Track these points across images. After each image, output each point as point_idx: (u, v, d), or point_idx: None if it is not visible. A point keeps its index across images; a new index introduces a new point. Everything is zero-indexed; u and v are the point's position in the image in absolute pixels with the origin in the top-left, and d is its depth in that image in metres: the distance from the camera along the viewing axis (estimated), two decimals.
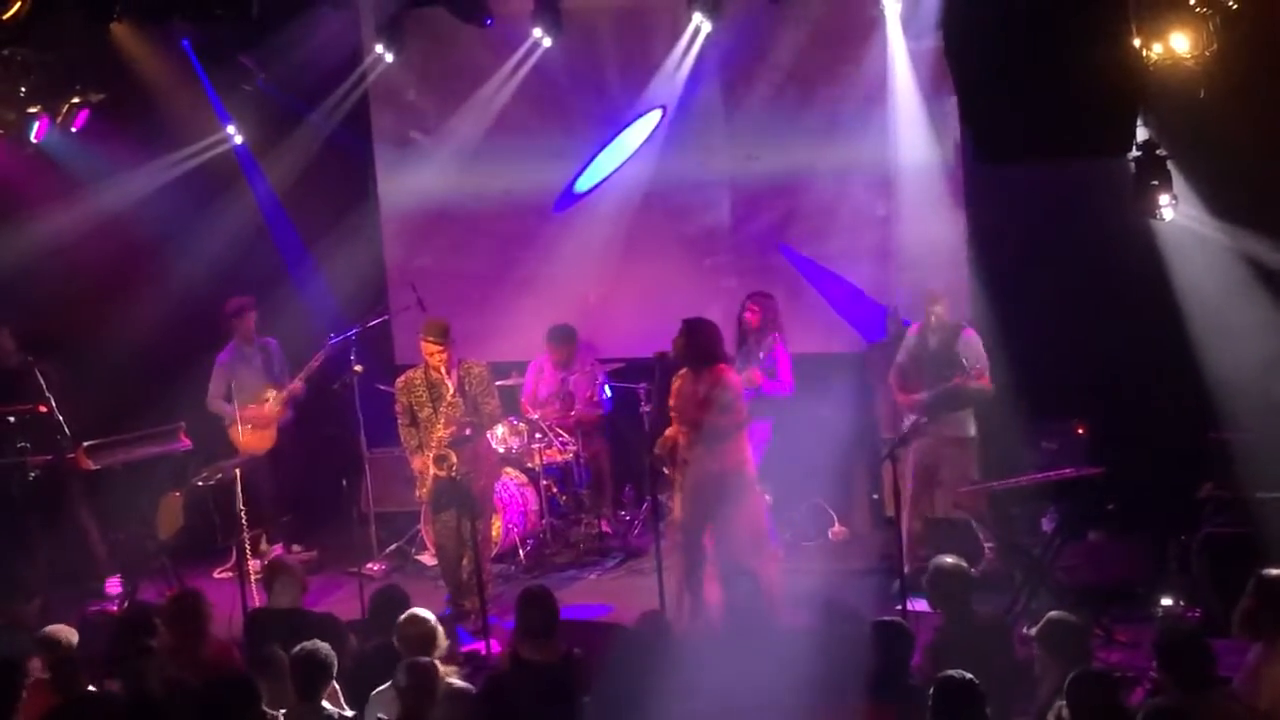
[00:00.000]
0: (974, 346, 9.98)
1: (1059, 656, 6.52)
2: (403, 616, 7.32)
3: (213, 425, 11.42)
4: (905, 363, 10.24)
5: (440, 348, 9.73)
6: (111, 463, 10.54)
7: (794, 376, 10.68)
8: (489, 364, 10.18)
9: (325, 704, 6.82)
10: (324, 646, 6.86)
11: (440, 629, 7.34)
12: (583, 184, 12.32)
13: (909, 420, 10.01)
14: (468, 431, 9.82)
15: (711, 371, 9.15)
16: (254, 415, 11.42)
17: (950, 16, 8.65)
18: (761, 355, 10.61)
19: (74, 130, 11.20)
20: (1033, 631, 6.93)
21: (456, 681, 7.16)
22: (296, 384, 11.52)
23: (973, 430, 10.04)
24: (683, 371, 9.24)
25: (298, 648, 6.86)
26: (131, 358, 11.50)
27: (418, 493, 10.05)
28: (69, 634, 7.55)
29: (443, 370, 9.77)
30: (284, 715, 6.71)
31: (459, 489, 9.65)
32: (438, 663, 7.10)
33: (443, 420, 9.75)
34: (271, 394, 11.46)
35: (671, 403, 9.22)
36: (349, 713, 6.90)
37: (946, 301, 10.16)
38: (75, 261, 11.55)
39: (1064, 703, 5.95)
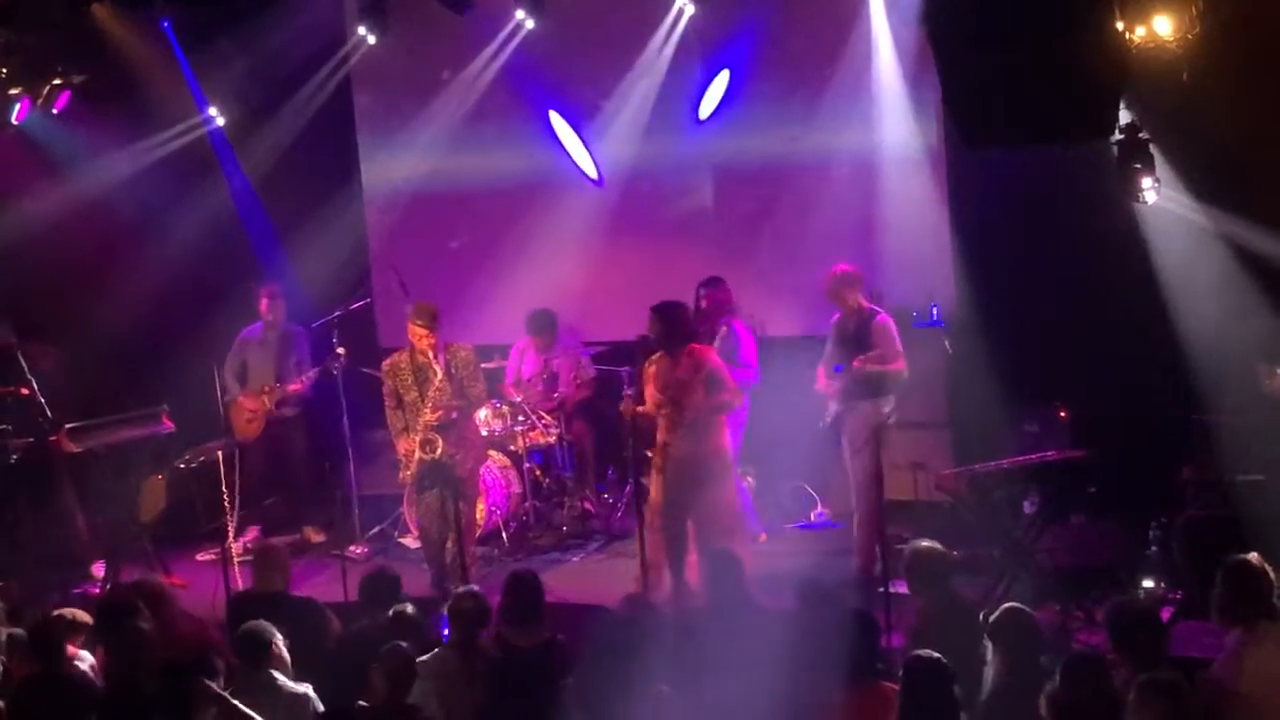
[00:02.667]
0: (884, 333, 9.86)
1: (1005, 649, 6.52)
2: (385, 648, 6.95)
3: (195, 408, 11.28)
4: (829, 352, 10.14)
5: (428, 331, 9.71)
6: (93, 445, 10.53)
7: (767, 360, 10.57)
8: (474, 347, 10.17)
9: (274, 673, 6.86)
10: (260, 622, 7.01)
11: (415, 660, 7.00)
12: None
13: (831, 411, 10.01)
14: (454, 415, 9.81)
15: (689, 352, 9.19)
16: (243, 405, 11.39)
17: (933, 1, 8.65)
18: (717, 343, 10.38)
19: (55, 112, 11.18)
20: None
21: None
22: (295, 386, 11.44)
23: (887, 413, 9.83)
24: (656, 356, 9.24)
25: (240, 628, 7.02)
26: (114, 340, 11.47)
27: (401, 475, 10.02)
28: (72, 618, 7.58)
29: (430, 354, 9.75)
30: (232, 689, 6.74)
31: (444, 471, 9.65)
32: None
33: (429, 404, 9.73)
34: (267, 387, 11.41)
35: (653, 386, 9.20)
36: (299, 688, 6.89)
37: (862, 288, 10.07)
38: (56, 243, 11.50)
39: (1058, 687, 5.96)
